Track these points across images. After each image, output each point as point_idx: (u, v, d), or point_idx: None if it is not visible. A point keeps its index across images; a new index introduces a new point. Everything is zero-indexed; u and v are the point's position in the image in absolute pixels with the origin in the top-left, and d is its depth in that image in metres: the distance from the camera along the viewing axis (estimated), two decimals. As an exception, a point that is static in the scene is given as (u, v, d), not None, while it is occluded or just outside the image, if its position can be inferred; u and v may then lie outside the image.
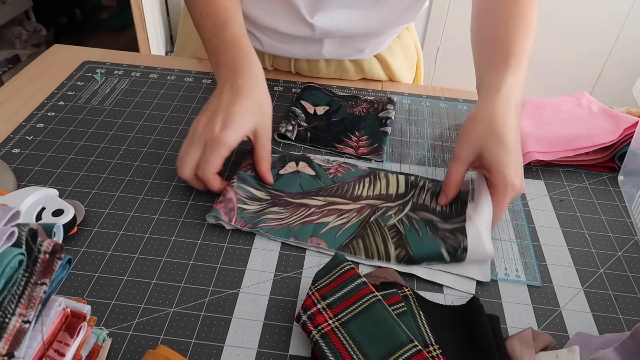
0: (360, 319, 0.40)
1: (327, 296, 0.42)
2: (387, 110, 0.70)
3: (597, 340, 0.40)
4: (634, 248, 0.54)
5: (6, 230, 0.28)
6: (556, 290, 0.49)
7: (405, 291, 0.44)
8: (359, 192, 0.57)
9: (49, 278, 0.31)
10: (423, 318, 0.43)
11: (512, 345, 0.41)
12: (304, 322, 0.41)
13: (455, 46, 2.17)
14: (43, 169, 0.59)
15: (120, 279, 0.47)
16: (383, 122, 0.68)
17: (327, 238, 0.51)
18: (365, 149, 0.64)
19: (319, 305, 0.42)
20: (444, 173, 0.62)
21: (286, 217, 0.53)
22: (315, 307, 0.42)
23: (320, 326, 0.40)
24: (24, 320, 0.30)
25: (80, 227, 0.52)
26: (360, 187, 0.58)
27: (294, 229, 0.52)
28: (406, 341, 0.39)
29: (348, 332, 0.40)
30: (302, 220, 0.53)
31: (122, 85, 0.75)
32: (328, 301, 0.42)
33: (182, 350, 0.42)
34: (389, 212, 0.54)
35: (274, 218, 0.53)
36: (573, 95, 0.74)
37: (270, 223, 0.52)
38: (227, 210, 0.52)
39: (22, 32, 2.33)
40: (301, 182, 0.58)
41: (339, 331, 0.40)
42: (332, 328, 0.40)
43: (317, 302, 0.42)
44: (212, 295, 0.46)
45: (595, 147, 0.62)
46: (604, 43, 2.11)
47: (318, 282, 0.44)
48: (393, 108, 0.71)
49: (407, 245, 0.50)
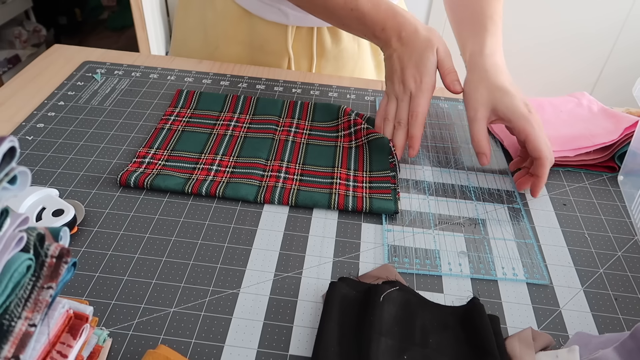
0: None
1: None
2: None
3: (597, 340, 0.40)
4: (634, 248, 0.54)
5: (15, 235, 0.28)
6: (556, 290, 0.49)
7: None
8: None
9: (55, 282, 0.31)
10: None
11: (512, 345, 0.41)
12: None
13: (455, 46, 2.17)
14: (43, 169, 0.59)
15: (120, 279, 0.47)
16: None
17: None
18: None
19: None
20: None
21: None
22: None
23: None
24: (29, 324, 0.30)
25: (80, 227, 0.52)
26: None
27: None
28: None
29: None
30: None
31: (122, 85, 0.75)
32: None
33: (182, 350, 0.42)
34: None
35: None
36: (573, 95, 0.74)
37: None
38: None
39: (22, 32, 2.33)
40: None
41: None
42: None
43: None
44: (212, 295, 0.46)
45: (596, 147, 0.63)
46: (604, 43, 2.11)
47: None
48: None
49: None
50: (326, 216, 0.55)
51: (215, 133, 0.65)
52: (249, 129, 0.66)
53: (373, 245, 0.52)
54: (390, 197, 0.56)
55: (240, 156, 0.61)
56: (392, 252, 0.51)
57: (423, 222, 0.55)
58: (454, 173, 0.63)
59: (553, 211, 0.58)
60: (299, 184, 0.58)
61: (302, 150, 0.63)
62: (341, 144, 0.64)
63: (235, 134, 0.65)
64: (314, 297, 0.46)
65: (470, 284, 0.49)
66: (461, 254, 0.52)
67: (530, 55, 2.15)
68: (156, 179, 0.56)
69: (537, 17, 2.05)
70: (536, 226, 0.56)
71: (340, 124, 0.67)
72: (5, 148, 0.26)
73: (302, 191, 0.56)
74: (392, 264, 0.50)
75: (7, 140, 0.26)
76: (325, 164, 0.61)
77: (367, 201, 0.56)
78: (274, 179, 0.58)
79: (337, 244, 0.52)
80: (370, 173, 0.60)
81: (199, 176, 0.58)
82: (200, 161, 0.60)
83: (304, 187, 0.57)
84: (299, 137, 0.65)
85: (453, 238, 0.54)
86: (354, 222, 0.55)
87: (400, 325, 0.42)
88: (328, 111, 0.69)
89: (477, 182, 0.61)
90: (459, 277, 0.49)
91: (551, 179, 0.63)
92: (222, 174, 0.58)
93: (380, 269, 0.49)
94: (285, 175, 0.59)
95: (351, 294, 0.45)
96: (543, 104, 0.72)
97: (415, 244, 0.53)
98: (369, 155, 0.62)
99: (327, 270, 0.49)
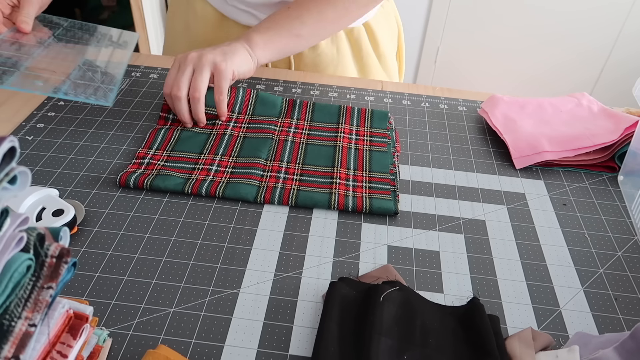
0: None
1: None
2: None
3: (597, 340, 0.40)
4: (634, 248, 0.54)
5: (15, 235, 0.28)
6: (556, 290, 0.49)
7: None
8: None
9: (55, 282, 0.31)
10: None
11: (512, 345, 0.41)
12: None
13: (455, 46, 2.17)
14: (43, 169, 0.59)
15: (120, 279, 0.47)
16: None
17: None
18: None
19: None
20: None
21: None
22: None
23: None
24: (29, 324, 0.30)
25: (80, 227, 0.52)
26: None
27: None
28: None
29: None
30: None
31: (122, 85, 0.75)
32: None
33: (182, 350, 0.42)
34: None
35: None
36: (573, 95, 0.74)
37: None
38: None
39: (22, 32, 2.33)
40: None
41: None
42: None
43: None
44: (212, 295, 0.46)
45: (596, 147, 0.63)
46: (604, 43, 2.11)
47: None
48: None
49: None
50: (326, 216, 0.55)
51: (215, 133, 0.65)
52: (248, 129, 0.66)
53: (373, 245, 0.52)
54: (390, 198, 0.56)
55: (240, 156, 0.61)
56: (392, 252, 0.51)
57: (423, 222, 0.55)
58: (454, 173, 0.63)
59: (553, 211, 0.58)
60: (299, 184, 0.58)
61: (301, 150, 0.63)
62: (340, 144, 0.64)
63: (235, 134, 0.65)
64: (314, 297, 0.46)
65: (470, 284, 0.49)
66: (461, 255, 0.52)
67: (531, 55, 2.15)
68: (156, 180, 0.56)
69: (537, 17, 2.05)
70: (536, 226, 0.56)
71: (342, 127, 0.67)
72: (5, 148, 0.26)
73: (302, 191, 0.56)
74: (392, 264, 0.50)
75: (7, 140, 0.26)
76: (325, 163, 0.61)
77: (367, 201, 0.56)
78: (274, 179, 0.58)
79: (337, 244, 0.52)
80: (370, 173, 0.60)
81: (199, 176, 0.58)
82: (199, 161, 0.60)
83: (304, 187, 0.57)
84: (298, 136, 0.65)
85: (453, 238, 0.54)
86: (354, 222, 0.55)
87: (400, 325, 0.42)
88: (328, 111, 0.69)
89: (477, 182, 0.61)
90: (459, 277, 0.49)
91: (551, 179, 0.63)
92: (222, 174, 0.58)
93: (380, 269, 0.49)
94: (285, 175, 0.59)
95: (351, 294, 0.45)
96: (543, 104, 0.72)
97: (415, 244, 0.53)
98: (369, 155, 0.62)
99: (327, 270, 0.49)
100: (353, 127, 0.66)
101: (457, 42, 2.15)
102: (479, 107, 0.75)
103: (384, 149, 0.63)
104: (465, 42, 2.15)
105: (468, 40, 2.14)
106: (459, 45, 2.16)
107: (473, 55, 2.18)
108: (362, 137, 0.65)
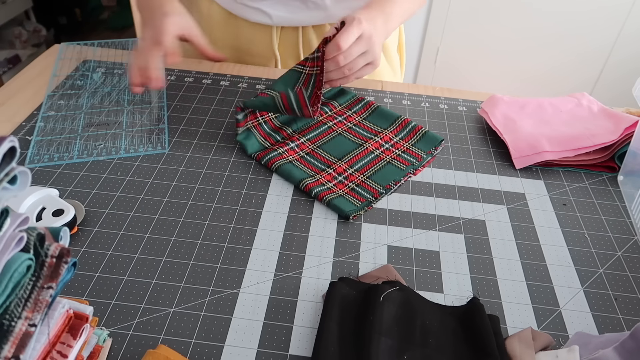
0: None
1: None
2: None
3: (597, 340, 0.40)
4: (634, 248, 0.54)
5: (15, 235, 0.28)
6: (556, 290, 0.49)
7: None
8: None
9: (55, 282, 0.31)
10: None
11: (512, 345, 0.41)
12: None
13: (455, 46, 2.17)
14: (43, 169, 0.59)
15: (120, 279, 0.47)
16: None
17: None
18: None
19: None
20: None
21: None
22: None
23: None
24: (29, 324, 0.30)
25: (80, 227, 0.52)
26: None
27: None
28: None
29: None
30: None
31: (122, 85, 0.75)
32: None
33: (182, 350, 0.42)
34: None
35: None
36: (573, 95, 0.74)
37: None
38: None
39: (22, 32, 2.33)
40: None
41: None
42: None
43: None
44: (212, 295, 0.46)
45: (596, 147, 0.63)
46: (603, 43, 2.11)
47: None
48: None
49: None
50: (326, 216, 0.55)
51: (328, 125, 0.67)
52: (350, 129, 0.67)
53: (373, 245, 0.52)
54: (357, 204, 0.56)
55: (321, 149, 0.63)
56: (392, 252, 0.51)
57: (423, 222, 0.55)
58: (453, 173, 0.63)
59: (553, 211, 0.58)
60: (347, 191, 0.58)
61: (330, 136, 0.66)
62: (367, 146, 0.64)
63: (334, 128, 0.67)
64: (314, 297, 0.46)
65: (470, 284, 0.49)
66: (461, 255, 0.52)
67: (531, 55, 2.15)
68: (282, 167, 0.60)
69: (537, 17, 2.05)
70: (536, 226, 0.56)
71: (384, 134, 0.67)
72: (5, 148, 0.26)
73: (342, 197, 0.56)
74: (392, 264, 0.50)
75: (7, 140, 0.26)
76: (336, 154, 0.62)
77: (332, 196, 0.56)
78: (330, 177, 0.59)
79: (337, 244, 0.52)
80: (367, 179, 0.59)
81: (275, 146, 0.62)
82: (286, 136, 0.64)
83: (347, 195, 0.57)
84: (339, 125, 0.68)
85: (453, 238, 0.54)
86: (354, 222, 0.55)
87: (400, 325, 0.42)
88: (385, 117, 0.70)
89: (477, 182, 0.61)
90: (459, 277, 0.49)
91: (551, 179, 0.63)
92: (293, 153, 0.61)
93: (380, 269, 0.49)
94: (343, 179, 0.59)
95: (351, 294, 0.45)
96: (543, 104, 0.72)
97: (415, 244, 0.53)
98: (383, 165, 0.61)
99: (327, 270, 0.49)
100: (395, 138, 0.66)
101: (457, 42, 2.15)
102: (479, 107, 0.75)
103: (403, 165, 0.62)
104: (465, 42, 2.15)
105: (468, 40, 2.14)
106: (459, 45, 2.16)
107: (473, 55, 2.18)
108: (394, 149, 0.64)
